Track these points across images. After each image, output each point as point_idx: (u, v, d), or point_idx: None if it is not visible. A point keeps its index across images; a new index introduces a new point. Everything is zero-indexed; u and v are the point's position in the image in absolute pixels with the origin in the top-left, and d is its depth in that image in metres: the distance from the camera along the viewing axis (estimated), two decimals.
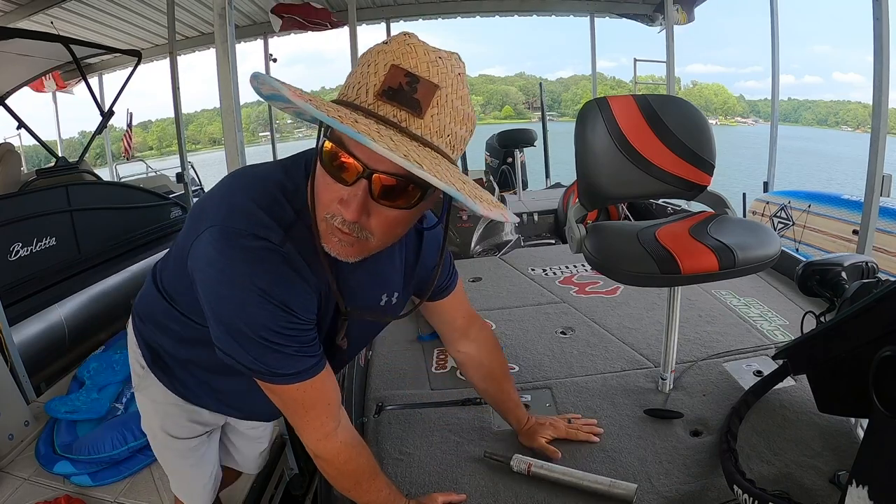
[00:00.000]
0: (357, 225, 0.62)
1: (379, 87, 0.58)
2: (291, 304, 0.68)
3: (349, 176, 0.60)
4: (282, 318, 0.68)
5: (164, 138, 55.25)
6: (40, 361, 2.74)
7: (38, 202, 3.11)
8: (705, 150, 1.45)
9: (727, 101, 73.80)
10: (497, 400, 1.21)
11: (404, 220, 0.66)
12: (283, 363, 0.71)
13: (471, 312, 1.12)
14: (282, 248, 0.67)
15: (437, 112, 0.58)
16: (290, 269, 0.68)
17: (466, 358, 1.14)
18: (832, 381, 0.95)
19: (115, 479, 1.72)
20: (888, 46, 1.98)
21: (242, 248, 0.66)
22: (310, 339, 0.74)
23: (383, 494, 0.92)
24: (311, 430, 0.80)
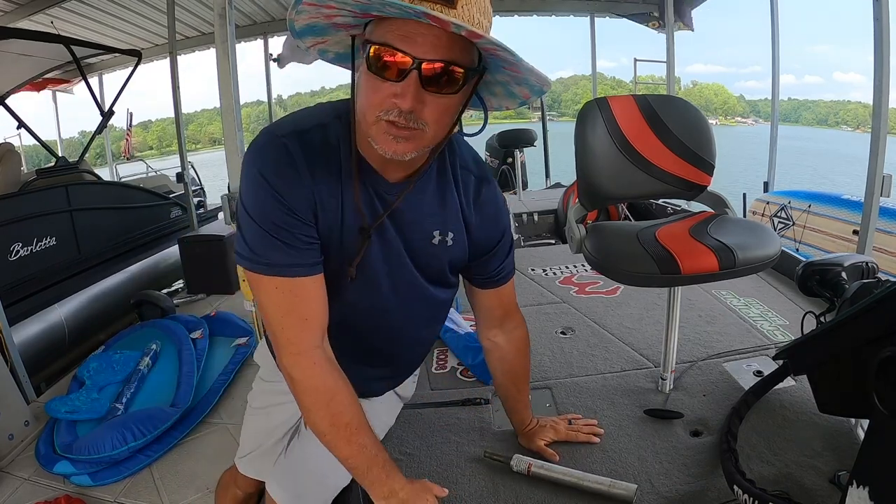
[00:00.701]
0: (413, 115, 0.68)
1: None
2: (282, 191, 0.74)
3: (399, 71, 0.66)
4: (274, 204, 0.74)
5: (164, 138, 55.27)
6: (40, 361, 2.75)
7: (38, 202, 3.11)
8: (705, 151, 1.45)
9: (727, 101, 73.81)
10: (509, 397, 1.20)
11: (451, 107, 0.71)
12: (267, 250, 0.76)
13: (513, 306, 1.10)
14: (288, 140, 0.75)
15: (465, 3, 0.66)
16: (287, 160, 0.75)
17: (494, 347, 1.12)
18: (832, 381, 0.95)
19: (115, 479, 1.72)
20: (888, 46, 1.98)
21: (255, 142, 0.77)
22: (301, 237, 0.76)
23: (369, 451, 0.83)
24: (284, 340, 0.79)
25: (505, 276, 1.02)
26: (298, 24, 0.71)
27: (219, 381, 2.26)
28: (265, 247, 0.76)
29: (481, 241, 0.94)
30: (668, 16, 4.36)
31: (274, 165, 0.74)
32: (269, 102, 7.07)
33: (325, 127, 0.78)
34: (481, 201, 0.91)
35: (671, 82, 4.36)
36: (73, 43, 3.88)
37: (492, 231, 0.95)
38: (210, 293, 3.53)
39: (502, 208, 0.96)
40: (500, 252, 0.98)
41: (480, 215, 0.91)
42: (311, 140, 0.77)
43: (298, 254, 0.77)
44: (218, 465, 1.79)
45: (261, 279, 0.78)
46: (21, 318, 2.76)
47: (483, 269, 0.99)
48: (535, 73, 0.70)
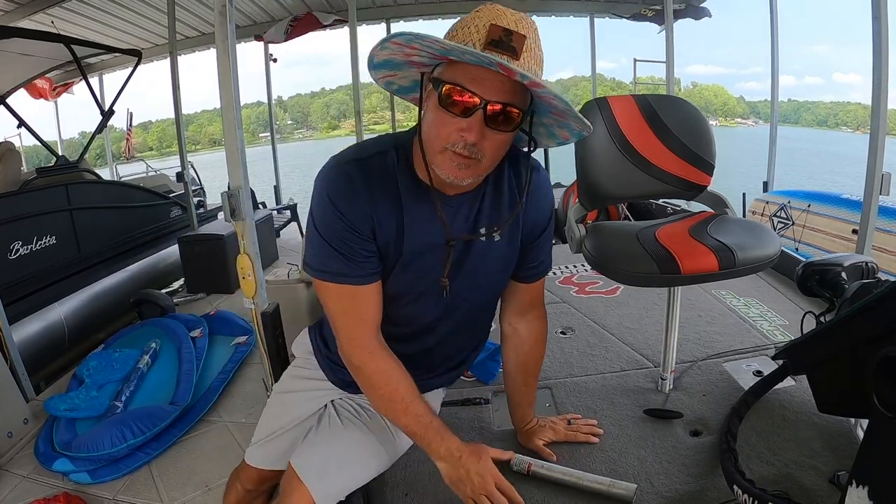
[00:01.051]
0: (475, 147, 0.79)
1: (484, 40, 0.75)
2: (345, 211, 0.86)
3: (467, 108, 0.77)
4: (336, 221, 0.86)
5: (164, 139, 55.30)
6: (40, 360, 2.75)
7: (39, 201, 3.11)
8: (705, 151, 1.44)
9: (727, 102, 73.87)
10: (515, 390, 1.20)
11: (505, 142, 0.82)
12: (332, 261, 0.88)
13: (539, 299, 1.14)
14: (350, 167, 0.87)
15: (527, 55, 0.77)
16: (349, 184, 0.86)
17: (513, 333, 1.14)
18: (832, 381, 0.95)
19: (114, 477, 1.72)
20: (887, 45, 1.98)
21: (324, 169, 0.89)
22: (360, 251, 0.88)
23: (423, 420, 0.94)
24: (345, 333, 0.93)
25: (543, 270, 1.08)
26: (378, 58, 0.82)
27: (218, 379, 2.26)
28: (330, 258, 0.88)
29: (530, 225, 1.00)
30: (667, 16, 4.35)
31: (338, 189, 0.86)
32: (270, 103, 7.06)
33: (384, 155, 0.89)
34: (536, 185, 0.98)
35: (671, 82, 4.35)
36: (74, 42, 3.88)
37: (541, 214, 1.01)
38: (210, 292, 3.54)
39: (550, 194, 1.04)
40: (544, 241, 1.04)
41: (535, 198, 0.99)
42: (370, 166, 0.88)
43: (358, 266, 0.89)
44: (217, 462, 1.79)
45: (327, 286, 0.91)
46: (21, 316, 2.76)
47: (525, 259, 1.04)
48: (579, 120, 0.81)
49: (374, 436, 1.04)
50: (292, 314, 2.04)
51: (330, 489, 0.95)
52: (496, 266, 1.00)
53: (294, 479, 0.94)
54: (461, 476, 0.94)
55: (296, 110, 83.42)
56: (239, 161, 1.66)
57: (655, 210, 3.38)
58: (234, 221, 1.67)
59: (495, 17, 0.76)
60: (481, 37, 0.75)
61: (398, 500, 1.13)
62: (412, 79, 0.89)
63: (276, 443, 1.12)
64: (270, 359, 1.73)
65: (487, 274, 1.00)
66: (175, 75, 4.31)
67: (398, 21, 6.26)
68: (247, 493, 1.20)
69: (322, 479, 0.95)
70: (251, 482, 1.17)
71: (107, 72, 6.84)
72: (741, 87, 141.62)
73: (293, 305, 2.19)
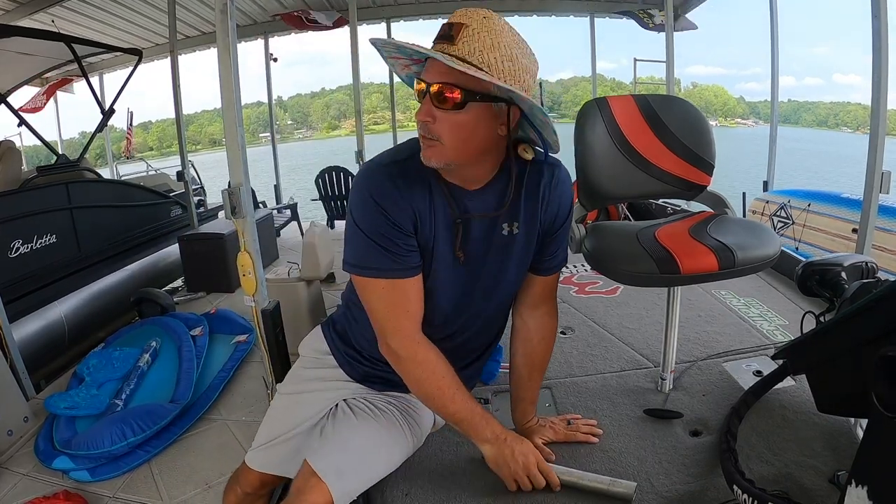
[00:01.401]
0: (427, 127, 0.86)
1: (435, 37, 0.86)
2: (387, 208, 0.90)
3: (421, 93, 0.87)
4: (379, 218, 0.91)
5: (164, 139, 55.29)
6: (40, 359, 2.75)
7: (39, 199, 3.11)
8: (705, 151, 1.44)
9: (727, 102, 73.83)
10: (519, 385, 1.20)
11: (462, 124, 0.86)
12: (376, 258, 0.92)
13: (552, 294, 1.17)
14: (389, 168, 0.93)
15: (466, 40, 0.82)
16: (391, 183, 0.91)
17: (522, 327, 1.16)
18: (832, 380, 0.95)
19: (114, 475, 1.72)
20: (887, 43, 1.99)
21: (363, 170, 0.95)
22: (403, 245, 0.92)
23: (468, 406, 0.99)
24: (391, 328, 0.97)
25: (558, 264, 1.11)
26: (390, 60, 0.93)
27: (218, 377, 2.26)
28: (374, 255, 0.92)
29: (552, 218, 1.04)
30: (668, 15, 4.36)
31: (380, 188, 0.91)
32: (270, 103, 7.07)
33: (418, 157, 0.93)
34: (554, 181, 1.02)
35: (671, 83, 4.36)
36: (75, 41, 3.88)
37: (562, 206, 1.04)
38: (210, 291, 3.54)
39: (569, 190, 1.06)
40: (562, 234, 1.07)
41: (554, 193, 1.02)
42: (407, 167, 0.93)
43: (401, 260, 0.93)
44: (217, 460, 1.79)
45: (369, 282, 0.95)
46: (21, 315, 2.76)
47: (544, 251, 1.07)
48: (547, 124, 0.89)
49: (389, 434, 1.05)
50: (292, 312, 2.04)
51: (348, 487, 0.95)
52: (515, 260, 1.03)
53: (312, 477, 0.93)
54: (506, 457, 1.01)
55: (296, 110, 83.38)
56: (240, 158, 1.66)
57: (655, 210, 3.39)
58: (235, 219, 1.67)
59: (452, 17, 0.85)
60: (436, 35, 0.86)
61: (398, 499, 1.13)
62: None
63: (281, 447, 1.11)
64: (271, 356, 1.74)
65: (506, 269, 1.03)
66: (175, 74, 4.31)
67: (398, 21, 6.27)
68: (246, 496, 1.18)
69: (341, 477, 0.94)
70: (251, 486, 1.16)
71: (107, 71, 6.85)
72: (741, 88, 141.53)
73: (293, 304, 2.19)
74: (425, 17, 6.41)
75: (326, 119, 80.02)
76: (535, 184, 1.00)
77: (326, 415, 1.10)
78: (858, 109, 58.42)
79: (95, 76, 6.57)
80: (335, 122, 77.89)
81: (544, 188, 1.00)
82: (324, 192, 5.03)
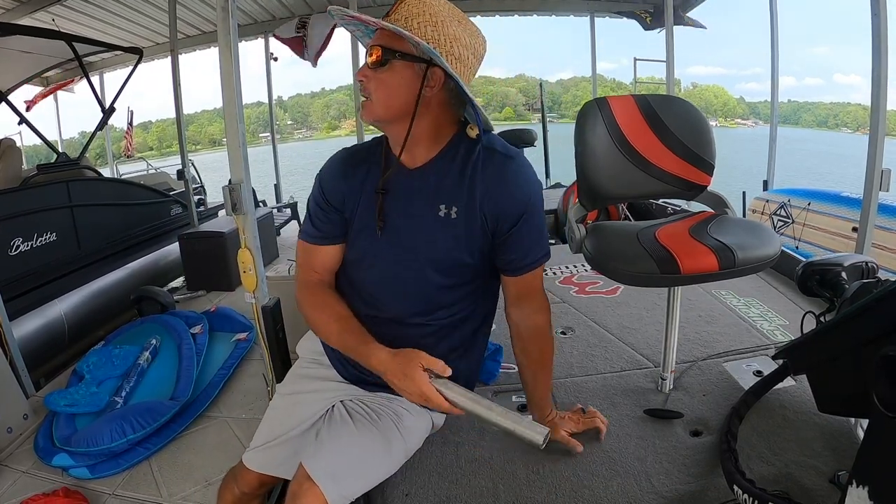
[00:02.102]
0: (362, 85, 0.96)
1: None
2: (324, 186, 1.07)
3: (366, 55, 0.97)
4: (318, 193, 1.08)
5: (164, 139, 55.27)
6: (40, 356, 2.75)
7: (39, 197, 3.11)
8: (705, 151, 1.44)
9: (727, 102, 73.85)
10: (527, 384, 1.20)
11: (389, 83, 0.94)
12: (306, 224, 1.11)
13: (534, 291, 1.11)
14: (344, 153, 1.10)
15: (402, 11, 0.93)
16: (337, 166, 1.08)
17: (513, 326, 1.14)
18: (832, 381, 0.95)
19: (114, 472, 1.72)
20: (886, 42, 1.99)
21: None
22: (324, 218, 1.07)
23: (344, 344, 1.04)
24: (300, 279, 1.13)
25: (527, 264, 1.06)
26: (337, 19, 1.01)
27: (218, 375, 2.26)
28: (306, 222, 1.11)
29: (498, 213, 1.00)
30: (668, 15, 4.35)
31: (327, 170, 1.09)
32: (270, 103, 7.06)
33: (372, 144, 1.09)
34: (502, 174, 1.00)
35: (671, 82, 4.35)
36: (75, 40, 3.88)
37: (510, 203, 1.00)
38: (210, 290, 3.54)
39: (524, 185, 1.01)
40: (520, 234, 1.01)
41: (499, 187, 1.00)
42: (360, 151, 1.09)
43: (320, 229, 1.08)
44: (216, 458, 1.79)
45: (299, 243, 1.13)
46: (21, 313, 2.76)
47: (506, 252, 1.03)
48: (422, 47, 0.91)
49: (385, 437, 1.04)
50: (293, 310, 2.03)
51: (343, 491, 0.94)
52: (451, 242, 1.01)
53: (306, 481, 0.93)
54: (396, 387, 0.96)
55: (296, 110, 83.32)
56: (240, 155, 1.66)
57: (655, 210, 3.38)
58: (235, 215, 1.67)
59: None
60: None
61: (398, 499, 1.13)
62: None
63: (279, 448, 1.10)
64: (271, 354, 1.74)
65: (436, 248, 1.01)
66: (176, 73, 4.31)
67: None
68: (243, 496, 1.17)
69: (335, 481, 0.94)
70: (249, 485, 1.15)
71: (107, 70, 6.84)
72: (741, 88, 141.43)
73: (294, 301, 2.18)
74: None
75: (326, 119, 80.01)
76: (480, 172, 0.99)
77: (323, 417, 1.10)
78: (858, 110, 58.43)
79: (96, 75, 6.56)
80: (335, 122, 77.86)
81: (490, 178, 0.99)
82: None
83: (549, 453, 1.22)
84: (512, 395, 1.49)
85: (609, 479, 1.13)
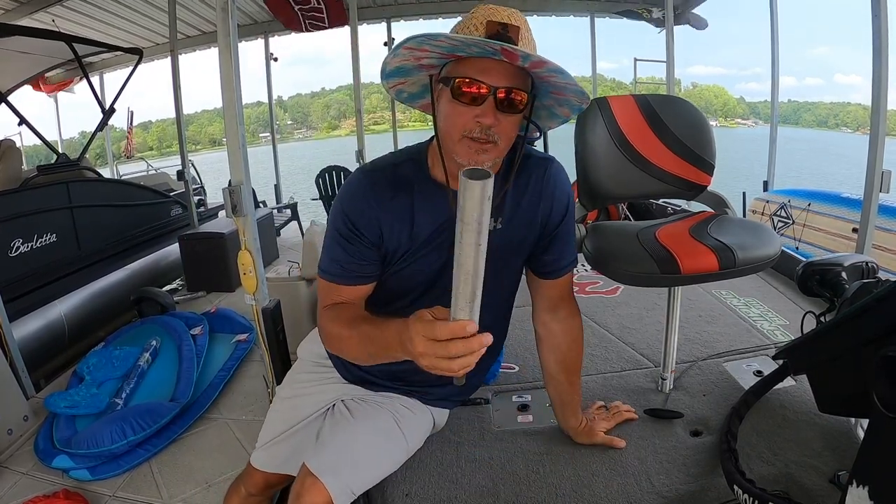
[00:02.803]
0: (491, 130, 0.84)
1: (483, 36, 0.81)
2: (351, 212, 0.94)
3: (480, 97, 0.82)
4: (345, 228, 0.94)
5: (164, 139, 55.29)
6: (40, 357, 2.75)
7: (39, 198, 3.11)
8: (705, 150, 1.45)
9: (727, 102, 73.84)
10: (561, 392, 1.19)
11: (516, 123, 0.87)
12: (335, 265, 0.96)
13: (569, 294, 1.14)
14: (373, 176, 0.95)
15: (523, 43, 0.83)
16: (369, 193, 0.94)
17: (547, 334, 1.15)
18: (832, 381, 0.95)
19: (114, 474, 1.72)
20: (887, 43, 1.99)
21: (353, 175, 0.98)
22: (357, 251, 0.95)
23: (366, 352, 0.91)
24: (318, 315, 1.02)
25: (567, 265, 1.09)
26: (390, 66, 0.88)
27: (218, 376, 2.26)
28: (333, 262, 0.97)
29: (546, 215, 1.02)
30: (668, 15, 4.35)
31: (349, 199, 0.95)
32: (270, 103, 7.06)
33: (397, 166, 0.96)
34: (545, 178, 1.01)
35: (671, 82, 4.35)
36: (75, 40, 3.88)
37: (556, 204, 1.03)
38: (210, 290, 3.53)
39: (565, 185, 1.04)
40: (563, 233, 1.05)
41: (545, 190, 1.01)
42: (395, 173, 0.95)
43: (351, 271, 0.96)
44: (217, 459, 1.79)
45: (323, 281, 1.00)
46: (21, 314, 2.76)
47: (546, 253, 1.06)
48: (578, 93, 0.85)
49: (386, 434, 1.04)
50: (293, 311, 2.04)
51: (345, 484, 0.95)
52: (500, 253, 1.00)
53: (308, 477, 0.93)
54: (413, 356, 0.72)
55: (296, 110, 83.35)
56: (240, 157, 1.66)
57: (655, 210, 3.39)
58: (235, 217, 1.67)
59: (490, 14, 0.83)
60: (480, 34, 0.82)
61: (398, 499, 1.13)
62: (421, 84, 0.94)
63: (283, 445, 1.11)
64: (271, 355, 1.74)
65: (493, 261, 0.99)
66: (176, 74, 4.31)
67: (398, 20, 6.26)
68: (250, 498, 1.18)
69: (337, 475, 0.94)
70: (256, 487, 1.16)
71: (107, 71, 6.84)
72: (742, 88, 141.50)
73: (294, 302, 2.19)
74: (426, 16, 6.41)
75: (326, 119, 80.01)
76: (524, 179, 0.99)
77: (324, 415, 1.10)
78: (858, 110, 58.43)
79: (96, 76, 6.56)
80: (335, 122, 77.88)
81: (535, 184, 1.00)
82: (324, 192, 5.04)
83: (549, 453, 1.22)
84: (512, 396, 1.49)
85: (609, 478, 1.13)
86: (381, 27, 6.22)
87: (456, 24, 0.88)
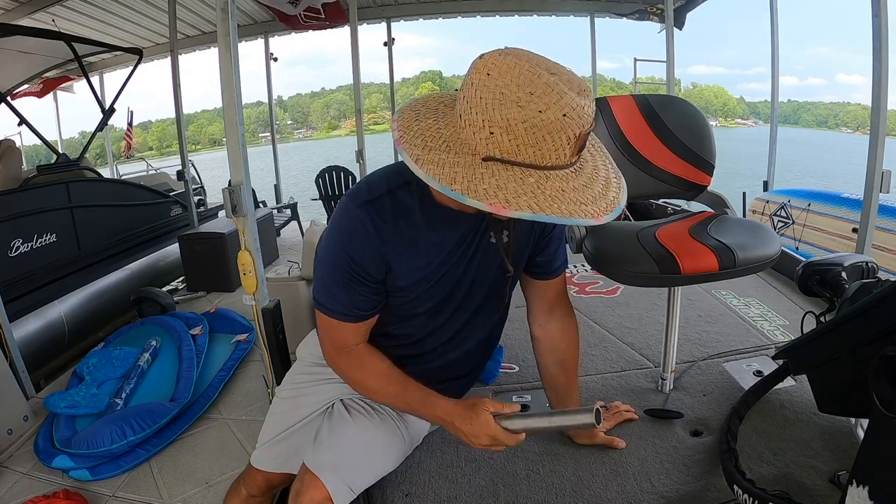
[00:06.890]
0: None
1: (570, 153, 0.71)
2: (355, 256, 0.87)
3: None
4: (345, 265, 0.88)
5: (164, 139, 55.26)
6: (40, 358, 2.75)
7: (39, 198, 3.11)
8: (705, 150, 1.44)
9: (727, 102, 73.80)
10: (560, 392, 1.20)
11: None
12: (335, 302, 0.92)
13: (565, 294, 1.15)
14: (371, 209, 0.86)
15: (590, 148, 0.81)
16: (369, 228, 0.86)
17: (544, 335, 1.15)
18: (832, 381, 0.95)
19: (114, 474, 1.72)
20: (887, 43, 1.99)
21: (345, 207, 0.89)
22: (366, 289, 0.90)
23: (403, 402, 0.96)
24: (329, 344, 0.99)
25: (562, 263, 1.10)
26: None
27: (218, 376, 2.26)
28: (333, 298, 0.92)
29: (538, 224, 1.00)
30: (667, 15, 4.35)
31: (352, 239, 0.88)
32: (270, 103, 7.06)
33: (393, 193, 0.88)
34: None
35: (671, 82, 4.35)
36: (75, 40, 3.88)
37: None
38: (210, 290, 3.54)
39: None
40: (557, 234, 1.06)
41: None
42: (394, 201, 0.88)
43: (355, 308, 0.93)
44: (217, 459, 1.79)
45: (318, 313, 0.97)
46: (21, 314, 2.76)
47: (542, 255, 1.06)
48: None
49: (385, 433, 1.04)
50: (293, 311, 2.04)
51: (344, 481, 0.95)
52: (495, 265, 1.00)
53: (307, 473, 0.94)
54: (460, 437, 0.91)
55: (296, 110, 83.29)
56: (240, 157, 1.66)
57: (655, 210, 3.39)
58: (235, 217, 1.67)
59: (577, 117, 0.68)
60: (566, 152, 0.70)
61: (399, 499, 1.13)
62: None
63: (283, 444, 1.11)
64: (271, 355, 1.74)
65: (488, 275, 1.00)
66: (176, 74, 4.31)
67: (398, 20, 6.26)
68: (250, 498, 1.18)
69: (335, 472, 0.94)
70: (257, 487, 1.16)
71: (107, 71, 6.84)
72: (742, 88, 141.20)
73: (294, 302, 2.19)
74: (425, 16, 6.42)
75: (326, 119, 79.97)
76: None
77: (323, 414, 1.10)
78: (858, 110, 58.40)
79: (96, 75, 6.56)
80: (335, 122, 77.83)
81: None
82: (324, 192, 5.04)
83: (549, 453, 1.22)
84: (512, 396, 1.49)
85: (609, 479, 1.13)
86: (381, 27, 6.23)
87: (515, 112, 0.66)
